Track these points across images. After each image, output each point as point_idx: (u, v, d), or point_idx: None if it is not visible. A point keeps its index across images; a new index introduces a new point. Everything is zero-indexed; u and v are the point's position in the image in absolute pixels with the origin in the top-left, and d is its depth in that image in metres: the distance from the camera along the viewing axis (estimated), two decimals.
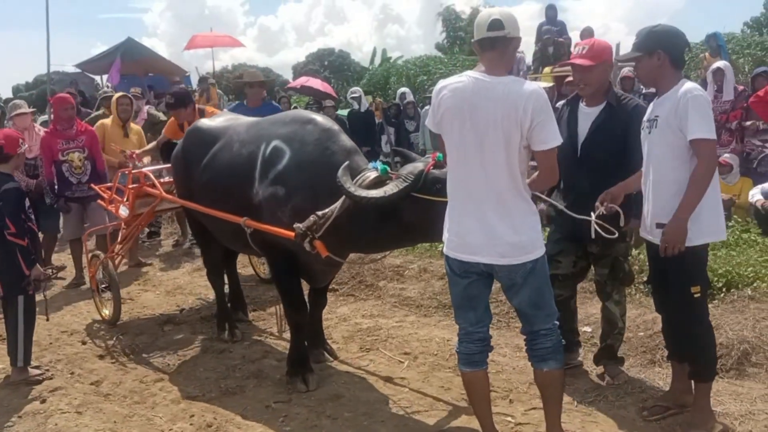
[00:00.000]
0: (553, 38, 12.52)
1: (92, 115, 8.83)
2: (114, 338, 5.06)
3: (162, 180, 5.20)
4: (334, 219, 3.53)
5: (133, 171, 5.37)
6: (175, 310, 5.75)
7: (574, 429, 3.42)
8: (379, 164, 3.73)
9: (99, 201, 5.98)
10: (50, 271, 4.59)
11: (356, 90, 12.10)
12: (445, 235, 3.05)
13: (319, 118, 4.11)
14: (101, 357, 4.73)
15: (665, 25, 3.35)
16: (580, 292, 5.19)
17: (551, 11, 13.38)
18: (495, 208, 2.89)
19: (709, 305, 3.74)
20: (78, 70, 18.25)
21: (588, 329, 4.68)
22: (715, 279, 4.70)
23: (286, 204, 3.78)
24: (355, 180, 3.57)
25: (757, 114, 6.39)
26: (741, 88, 7.99)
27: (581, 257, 3.91)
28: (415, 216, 3.46)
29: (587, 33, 12.48)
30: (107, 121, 7.13)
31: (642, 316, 4.68)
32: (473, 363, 3.10)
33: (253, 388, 4.11)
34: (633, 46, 3.34)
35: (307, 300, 4.32)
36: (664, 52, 3.21)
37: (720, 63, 8.19)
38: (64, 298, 6.23)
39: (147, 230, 7.82)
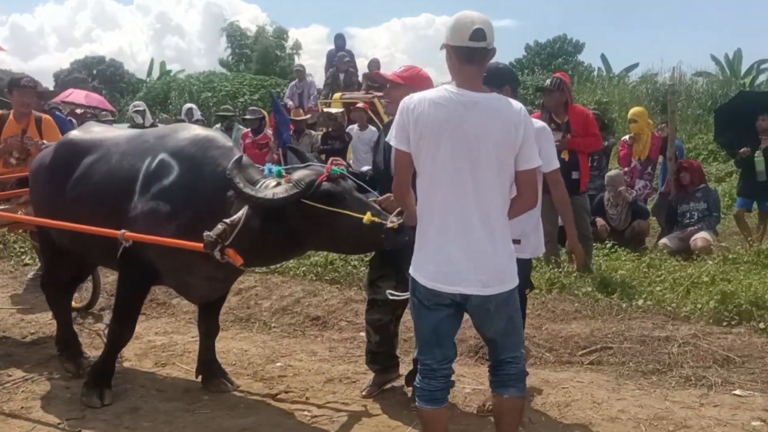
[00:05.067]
0: (347, 66, 13.24)
1: None
2: None
3: None
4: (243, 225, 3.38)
5: None
6: None
7: (363, 417, 3.83)
8: (273, 167, 3.66)
9: None
10: None
11: (140, 104, 11.72)
12: (418, 262, 2.81)
13: (215, 134, 3.99)
14: None
15: (504, 64, 3.80)
16: None
17: (340, 40, 13.88)
18: (482, 233, 2.71)
19: None
20: None
21: None
22: None
23: (170, 221, 3.60)
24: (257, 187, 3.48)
25: None
26: None
27: (401, 282, 3.67)
28: (301, 223, 3.43)
29: (374, 64, 13.41)
30: None
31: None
32: (435, 400, 2.89)
33: (41, 408, 3.95)
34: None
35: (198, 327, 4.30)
36: (509, 87, 3.67)
37: None
38: None
39: None
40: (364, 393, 4.08)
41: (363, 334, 5.08)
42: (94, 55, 35.96)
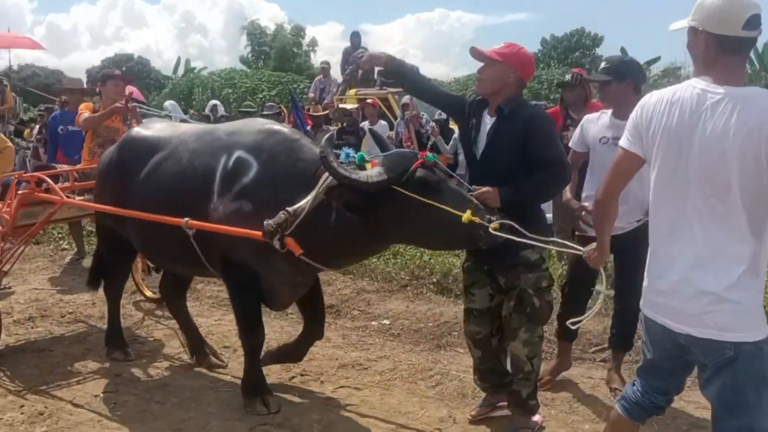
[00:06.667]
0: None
1: None
2: None
3: (61, 185, 4.70)
4: (306, 215, 3.25)
5: (24, 175, 4.79)
6: None
7: (374, 401, 4.03)
8: (351, 152, 3.37)
9: None
10: None
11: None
12: (646, 292, 2.41)
13: (285, 128, 3.89)
14: None
15: (633, 58, 3.94)
16: (381, 290, 6.00)
17: (356, 37, 14.09)
18: (719, 264, 2.17)
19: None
20: None
21: (386, 321, 5.39)
22: None
23: (255, 220, 3.37)
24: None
25: None
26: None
27: (497, 290, 3.44)
28: (389, 213, 3.16)
29: None
30: None
31: (431, 309, 5.49)
32: (626, 409, 2.57)
33: (79, 382, 4.28)
34: (603, 70, 3.78)
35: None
36: (632, 80, 3.69)
37: None
38: None
39: None
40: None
41: (374, 323, 5.38)
42: (123, 53, 36.86)
